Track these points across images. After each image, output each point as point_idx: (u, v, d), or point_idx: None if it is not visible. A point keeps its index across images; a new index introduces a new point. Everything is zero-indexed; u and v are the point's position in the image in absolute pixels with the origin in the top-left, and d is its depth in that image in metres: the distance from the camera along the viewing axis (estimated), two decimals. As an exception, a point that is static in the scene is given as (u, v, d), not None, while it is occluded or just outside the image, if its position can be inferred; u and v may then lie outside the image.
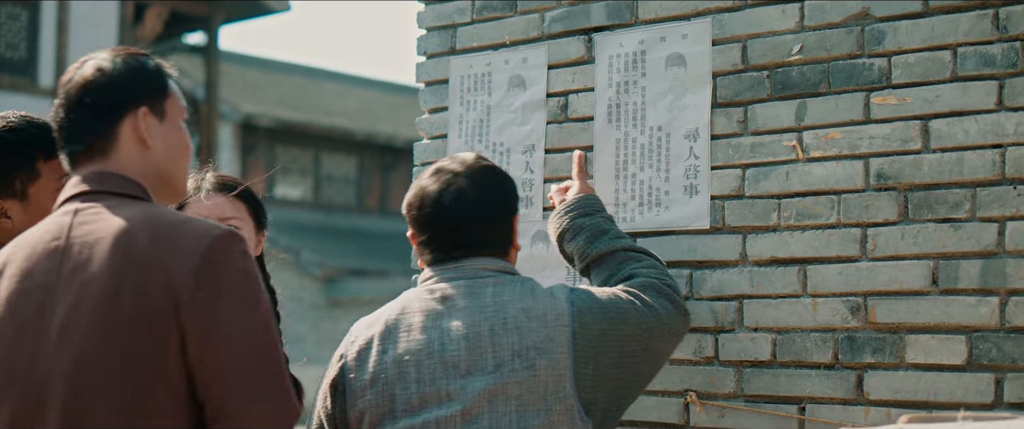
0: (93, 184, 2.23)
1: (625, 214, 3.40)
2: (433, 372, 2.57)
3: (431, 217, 2.69)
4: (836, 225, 3.08)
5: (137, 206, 2.19)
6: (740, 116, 3.25)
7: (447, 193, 2.67)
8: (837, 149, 3.09)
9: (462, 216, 2.66)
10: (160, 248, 2.10)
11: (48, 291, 2.15)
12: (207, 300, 2.09)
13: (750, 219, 3.21)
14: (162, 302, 2.07)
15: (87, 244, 2.14)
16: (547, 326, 2.54)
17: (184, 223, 2.16)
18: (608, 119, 3.44)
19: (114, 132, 2.24)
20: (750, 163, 3.22)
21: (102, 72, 2.25)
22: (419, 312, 2.63)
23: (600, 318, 2.59)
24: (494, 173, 2.72)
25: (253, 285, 2.15)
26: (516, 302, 2.57)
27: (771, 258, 3.17)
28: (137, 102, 2.25)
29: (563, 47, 3.56)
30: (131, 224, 2.13)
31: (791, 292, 3.13)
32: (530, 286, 2.63)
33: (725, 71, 3.29)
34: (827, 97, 3.13)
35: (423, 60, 3.84)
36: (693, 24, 3.33)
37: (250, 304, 2.14)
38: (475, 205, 2.66)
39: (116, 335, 2.08)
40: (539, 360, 2.53)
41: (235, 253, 2.14)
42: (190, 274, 2.08)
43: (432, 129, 3.80)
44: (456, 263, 2.66)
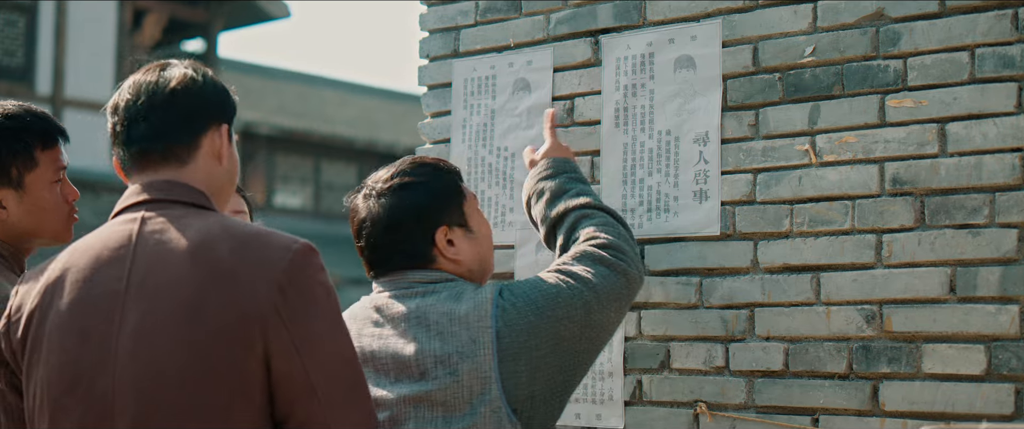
0: (158, 193, 2.22)
1: (633, 220, 3.35)
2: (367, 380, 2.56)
3: (355, 236, 2.72)
4: (850, 231, 3.03)
5: (210, 216, 2.19)
6: (751, 119, 3.20)
7: (362, 212, 2.69)
8: (851, 153, 3.04)
9: (371, 237, 2.66)
10: (243, 260, 2.09)
11: (116, 299, 2.13)
12: (295, 316, 2.08)
13: (761, 225, 3.16)
14: (248, 315, 2.06)
15: (160, 253, 2.13)
16: (470, 329, 2.52)
17: (263, 235, 2.15)
18: (615, 123, 3.40)
19: (196, 142, 2.25)
20: (761, 168, 3.17)
21: (194, 81, 2.26)
22: (359, 320, 2.64)
23: (527, 311, 2.54)
24: (406, 189, 2.68)
25: (335, 299, 2.17)
26: (439, 307, 2.55)
27: (783, 265, 3.12)
28: (221, 119, 2.28)
29: (569, 49, 3.52)
30: (209, 234, 2.13)
31: (804, 300, 3.08)
32: (458, 290, 2.59)
33: (736, 73, 3.25)
34: (841, 100, 3.08)
35: (425, 63, 3.80)
36: (702, 25, 3.29)
37: (336, 319, 2.15)
38: (376, 227, 2.65)
39: (199, 347, 2.06)
40: (462, 365, 2.50)
41: (316, 267, 2.15)
42: (276, 288, 2.08)
43: (435, 134, 3.76)
44: (388, 276, 2.66)
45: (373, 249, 2.67)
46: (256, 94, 24.32)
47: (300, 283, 2.12)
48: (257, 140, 23.42)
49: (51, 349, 2.18)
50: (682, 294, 3.25)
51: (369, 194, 2.70)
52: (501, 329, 2.52)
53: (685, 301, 3.24)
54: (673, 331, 3.25)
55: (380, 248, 2.67)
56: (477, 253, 2.71)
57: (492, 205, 3.60)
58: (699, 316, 3.20)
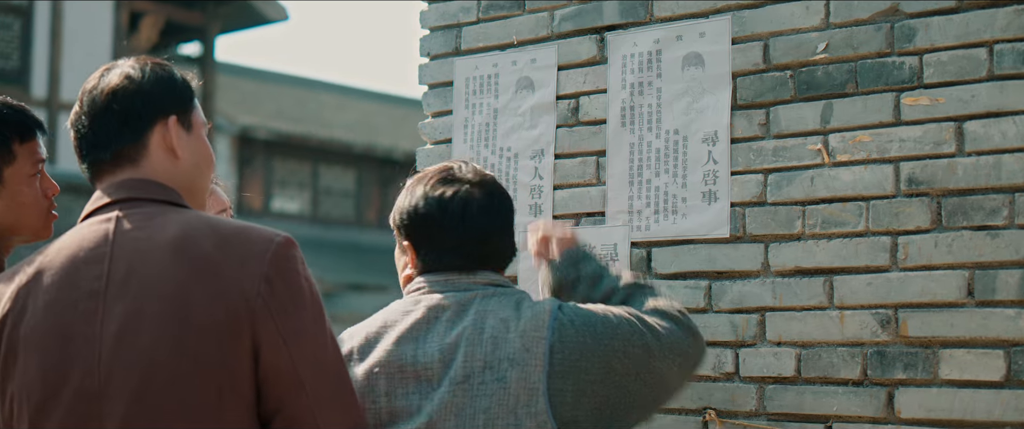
0: (130, 191, 2.20)
1: (640, 222, 3.32)
2: (405, 386, 2.49)
3: (435, 225, 2.58)
4: (864, 233, 3.00)
5: (186, 213, 2.18)
6: (762, 118, 3.16)
7: (455, 202, 2.57)
8: (865, 153, 3.01)
9: (470, 228, 2.56)
10: (227, 253, 2.09)
11: (97, 298, 2.11)
12: (282, 307, 2.08)
13: (773, 227, 3.12)
14: (235, 308, 2.06)
15: (141, 250, 2.11)
16: (524, 337, 2.44)
17: (245, 229, 2.15)
18: (621, 122, 3.37)
19: (143, 141, 2.23)
20: (772, 168, 3.14)
21: (131, 79, 2.24)
22: (399, 324, 2.55)
23: (585, 332, 2.48)
24: (496, 185, 2.63)
25: (317, 292, 2.16)
26: (498, 312, 2.48)
27: (795, 268, 3.08)
28: (167, 111, 2.25)
29: (574, 47, 3.48)
30: (190, 229, 2.12)
31: (817, 304, 3.04)
32: (518, 298, 2.53)
33: (746, 71, 3.21)
34: (854, 98, 3.04)
35: (426, 61, 3.76)
36: (711, 22, 3.25)
37: (320, 312, 2.15)
38: (484, 218, 2.57)
39: (186, 343, 2.05)
40: (511, 372, 2.43)
41: (299, 260, 2.14)
42: (262, 280, 2.07)
43: (435, 134, 3.72)
44: (447, 275, 2.57)
45: (464, 236, 2.56)
46: (253, 98, 24.36)
47: (285, 275, 2.11)
48: (255, 144, 23.39)
49: (29, 353, 2.14)
50: (691, 298, 3.21)
51: (457, 178, 2.60)
52: (555, 343, 2.46)
53: (694, 305, 3.20)
54: None
55: (474, 237, 2.57)
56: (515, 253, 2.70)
57: None
58: (708, 320, 3.17)
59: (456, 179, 2.60)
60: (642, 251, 3.30)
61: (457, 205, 2.56)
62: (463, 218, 2.56)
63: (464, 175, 2.60)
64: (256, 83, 25.34)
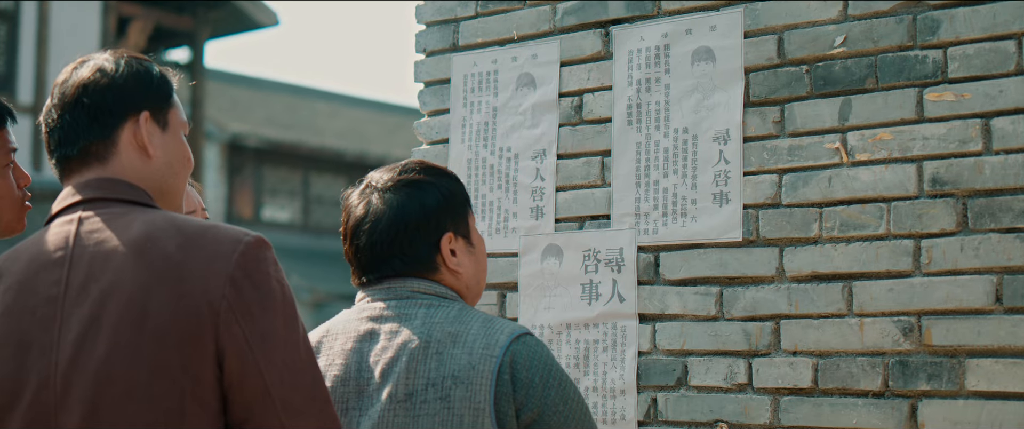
0: (96, 191, 2.14)
1: (647, 226, 3.26)
2: (346, 399, 2.43)
3: (349, 236, 2.56)
4: (885, 236, 2.94)
5: (153, 213, 2.12)
6: (776, 116, 3.11)
7: (360, 209, 2.53)
8: (886, 151, 2.95)
9: (370, 236, 2.50)
10: (191, 255, 2.03)
11: (55, 305, 2.05)
12: (248, 311, 2.02)
13: (788, 230, 3.06)
14: (198, 313, 1.99)
15: (101, 253, 2.06)
16: (471, 354, 2.35)
17: (212, 228, 2.08)
18: (628, 121, 3.31)
19: (113, 138, 2.17)
20: (787, 168, 3.08)
21: (103, 73, 2.18)
22: (342, 334, 2.50)
23: (539, 369, 2.36)
24: (414, 186, 2.54)
25: (290, 296, 2.10)
26: (445, 326, 2.40)
27: (812, 273, 3.02)
28: (139, 107, 2.19)
29: (577, 42, 3.43)
30: (153, 230, 2.06)
31: (835, 311, 2.98)
32: (469, 311, 2.46)
33: (759, 66, 3.15)
34: (874, 94, 2.99)
35: (422, 58, 3.71)
36: (722, 15, 3.20)
37: (292, 315, 2.08)
38: (378, 225, 2.50)
39: (144, 349, 1.99)
40: (455, 391, 2.34)
41: (270, 261, 2.08)
42: (227, 283, 2.01)
43: (432, 134, 3.67)
44: (383, 284, 2.51)
45: (372, 248, 2.51)
46: (244, 105, 24.39)
47: (254, 276, 2.04)
48: (245, 152, 23.41)
49: None
50: (701, 305, 3.15)
51: (371, 189, 2.56)
52: (503, 363, 2.36)
53: (704, 312, 3.15)
54: (691, 345, 3.16)
55: (380, 248, 2.51)
56: (475, 270, 2.58)
57: (494, 209, 3.52)
58: (719, 329, 3.11)
59: (366, 185, 2.56)
60: (649, 256, 3.25)
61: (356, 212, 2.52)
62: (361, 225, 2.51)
63: (373, 180, 2.56)
64: (246, 90, 25.45)
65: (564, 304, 3.34)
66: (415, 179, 2.54)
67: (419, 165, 2.58)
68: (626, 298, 3.24)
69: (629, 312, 3.22)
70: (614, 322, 3.25)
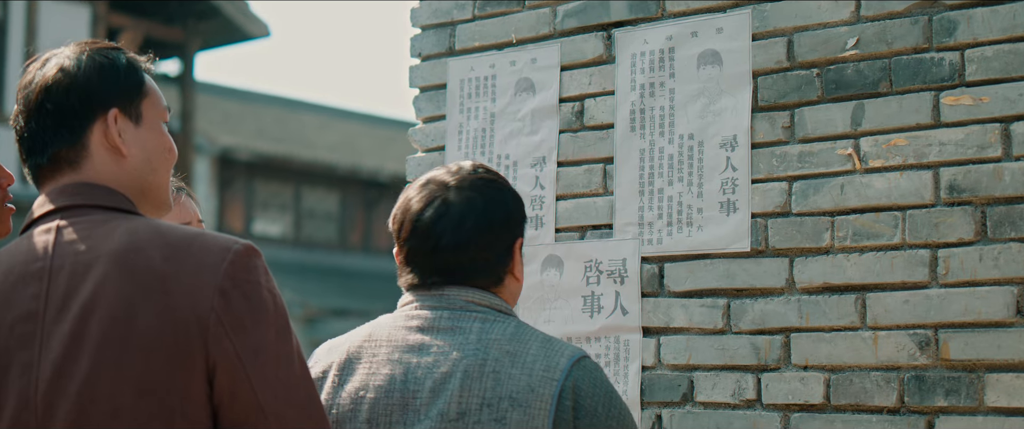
0: (72, 197, 2.06)
1: (651, 236, 3.21)
2: (389, 413, 2.33)
3: (411, 234, 2.43)
4: (901, 246, 2.89)
5: (136, 219, 2.04)
6: (785, 121, 3.06)
7: (431, 207, 2.41)
8: (901, 158, 2.90)
9: (445, 237, 2.39)
10: (177, 265, 1.95)
11: (35, 321, 1.98)
12: (239, 323, 1.95)
13: (798, 240, 3.01)
14: (187, 326, 1.92)
15: (82, 264, 1.98)
16: (531, 376, 2.26)
17: (199, 237, 2.00)
18: (631, 126, 3.26)
19: (82, 141, 2.08)
20: (798, 175, 3.03)
21: (65, 72, 2.09)
22: (387, 342, 2.38)
23: (602, 398, 2.30)
24: (494, 187, 2.45)
25: (283, 307, 2.03)
26: (503, 343, 2.30)
27: (823, 285, 2.97)
28: (107, 104, 2.09)
29: (578, 45, 3.38)
30: (137, 239, 1.98)
31: (847, 324, 2.93)
32: (526, 329, 2.37)
33: (767, 70, 3.10)
34: (888, 98, 2.94)
35: (417, 62, 3.67)
36: (729, 16, 3.16)
37: (285, 328, 2.00)
38: (462, 225, 2.39)
39: (129, 367, 1.92)
40: (512, 413, 2.25)
41: (261, 270, 2.00)
42: (217, 293, 1.94)
43: (427, 141, 3.62)
44: (439, 290, 2.40)
45: (454, 249, 2.39)
46: (235, 118, 24.41)
47: (244, 287, 1.97)
48: (236, 166, 23.43)
49: None
50: (707, 318, 3.10)
51: (441, 186, 2.43)
52: (565, 388, 2.27)
53: (711, 326, 3.09)
54: (697, 359, 3.11)
55: (462, 249, 2.39)
56: (522, 281, 2.50)
57: None
58: (727, 342, 3.06)
59: (433, 181, 2.45)
60: (653, 267, 3.20)
61: (425, 211, 2.41)
62: (430, 225, 2.39)
63: (443, 177, 2.45)
64: (237, 103, 25.48)
65: (565, 317, 3.28)
66: (493, 179, 2.45)
67: (484, 167, 2.50)
68: (629, 311, 3.18)
69: (632, 325, 3.16)
70: (617, 336, 3.19)
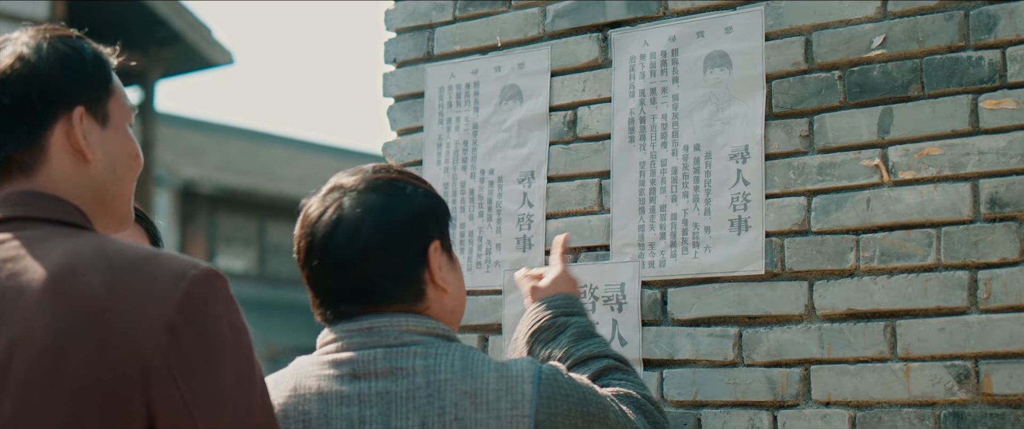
0: (15, 209, 1.91)
1: (652, 257, 3.06)
2: None
3: (308, 252, 2.23)
4: (935, 267, 2.74)
5: (81, 237, 1.88)
6: (804, 129, 2.92)
7: (324, 217, 2.21)
8: (935, 168, 2.76)
9: (339, 251, 2.18)
10: (120, 293, 1.78)
11: None
12: (190, 366, 1.78)
13: (819, 261, 2.87)
14: (125, 367, 1.75)
15: (14, 289, 1.82)
16: (499, 418, 2.13)
17: (151, 259, 1.83)
18: (630, 137, 3.13)
19: (41, 143, 1.94)
20: (818, 189, 2.89)
21: (24, 62, 1.94)
22: (317, 396, 2.17)
23: (575, 411, 2.19)
24: (394, 185, 2.25)
25: (247, 342, 1.85)
26: (456, 382, 2.14)
27: (847, 311, 2.82)
28: (72, 101, 1.95)
29: (571, 48, 3.25)
30: (76, 261, 1.81)
31: (875, 355, 2.78)
32: (474, 358, 2.18)
33: (783, 72, 2.96)
34: (920, 102, 2.80)
35: (392, 69, 3.53)
36: (740, 14, 3.02)
37: (246, 370, 1.84)
38: (357, 234, 2.18)
39: (57, 413, 1.76)
40: None
41: (223, 300, 1.83)
42: (164, 329, 1.77)
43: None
44: (363, 322, 2.19)
45: (353, 265, 2.18)
46: (198, 150, 24.63)
47: (198, 321, 1.78)
48: (198, 199, 23.55)
49: None
50: (716, 349, 2.95)
51: (340, 191, 2.24)
52: (541, 422, 2.13)
53: (720, 357, 2.95)
54: (705, 395, 2.97)
55: (362, 264, 2.18)
56: (458, 289, 2.32)
57: (474, 240, 3.31)
58: (739, 376, 2.91)
59: (333, 189, 2.26)
60: (655, 292, 3.03)
61: (317, 225, 2.21)
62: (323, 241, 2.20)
63: (343, 181, 2.26)
64: (200, 134, 25.75)
65: None
66: (394, 178, 2.24)
67: (391, 166, 2.31)
68: (628, 341, 3.02)
69: (632, 357, 3.00)
70: (615, 369, 3.00)
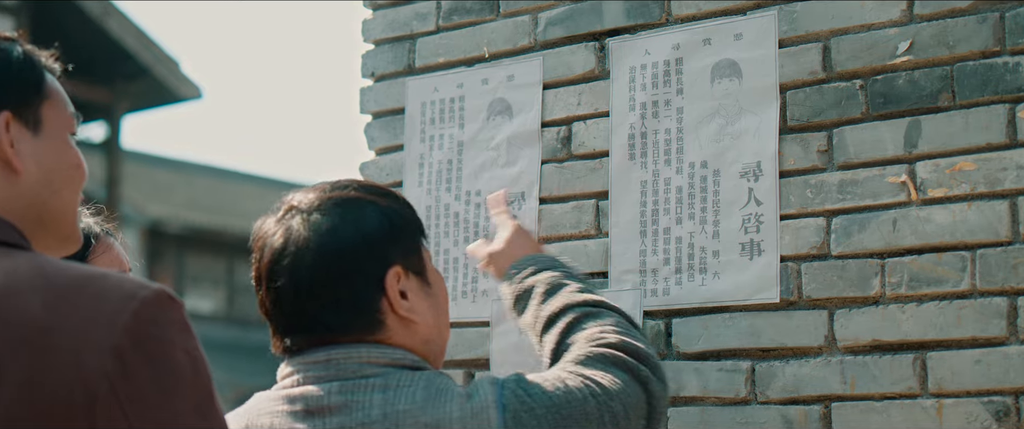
0: None
1: (656, 285, 2.93)
2: None
3: (259, 278, 2.15)
4: (970, 293, 2.63)
5: (18, 256, 1.78)
6: (822, 144, 2.82)
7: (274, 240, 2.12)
8: (968, 185, 2.65)
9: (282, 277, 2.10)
10: (62, 315, 1.68)
11: None
12: (140, 396, 1.68)
13: (840, 288, 2.76)
14: (69, 397, 1.65)
15: None
16: None
17: (94, 280, 1.71)
18: (630, 154, 3.04)
19: None
20: (838, 209, 2.79)
21: None
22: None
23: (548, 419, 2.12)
24: (349, 203, 2.16)
25: (206, 372, 1.73)
26: (417, 415, 2.07)
27: (872, 343, 2.71)
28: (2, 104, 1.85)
29: (565, 58, 3.15)
30: (13, 282, 1.72)
31: (904, 391, 2.67)
32: (438, 387, 2.10)
33: (799, 82, 2.86)
34: (951, 113, 2.69)
35: (370, 84, 3.43)
36: (750, 19, 2.91)
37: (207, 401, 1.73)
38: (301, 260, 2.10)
39: None
40: None
41: (173, 324, 1.72)
42: (111, 355, 1.65)
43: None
44: (320, 354, 2.11)
45: (296, 293, 2.08)
46: (165, 188, 24.70)
47: (149, 346, 1.67)
48: (165, 238, 23.60)
49: None
50: (727, 384, 2.85)
51: (293, 212, 2.13)
52: None
53: (731, 394, 2.84)
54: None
55: (307, 292, 2.08)
56: (435, 319, 2.21)
57: (459, 267, 3.20)
58: (752, 415, 2.82)
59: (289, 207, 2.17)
60: (659, 323, 2.92)
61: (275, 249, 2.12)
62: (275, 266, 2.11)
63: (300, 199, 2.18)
64: (168, 171, 25.88)
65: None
66: (350, 197, 2.14)
67: (355, 182, 2.21)
68: None
69: None
70: (615, 407, 2.86)
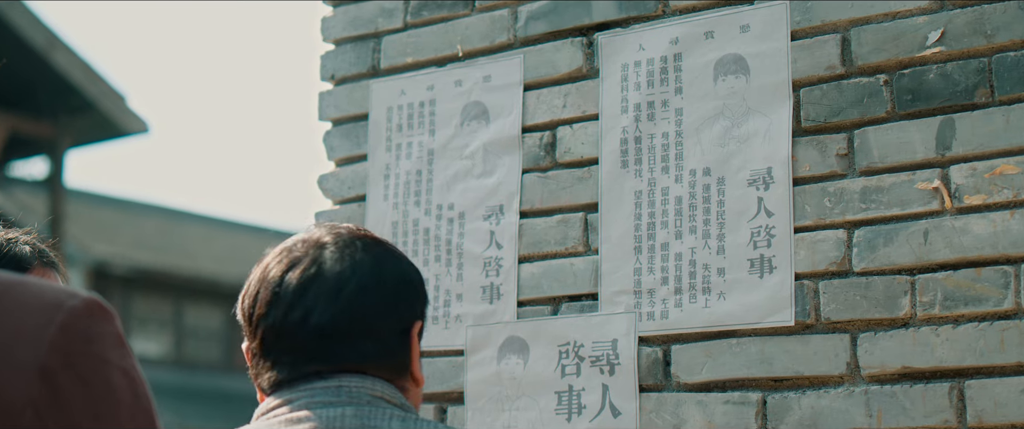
0: None
1: (652, 307, 2.76)
2: None
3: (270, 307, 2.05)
4: (1014, 314, 2.47)
5: None
6: (842, 147, 2.66)
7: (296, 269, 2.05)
8: (1010, 191, 2.50)
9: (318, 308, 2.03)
10: None
11: None
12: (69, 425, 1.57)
13: (863, 309, 2.61)
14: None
15: None
16: None
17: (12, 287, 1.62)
18: (622, 162, 2.90)
19: None
20: (861, 219, 2.65)
21: None
22: None
23: None
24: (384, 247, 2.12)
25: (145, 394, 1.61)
26: None
27: (902, 370, 2.55)
28: None
29: (548, 56, 3.03)
30: None
31: (939, 424, 2.50)
32: None
33: (814, 78, 2.73)
34: (989, 110, 2.54)
35: (329, 87, 3.28)
36: (759, 9, 2.76)
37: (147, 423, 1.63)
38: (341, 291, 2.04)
39: None
40: None
41: (110, 340, 1.61)
42: (36, 378, 1.56)
43: (342, 189, 3.18)
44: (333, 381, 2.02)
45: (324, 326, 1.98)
46: (111, 228, 24.61)
47: (80, 365, 1.55)
48: (111, 279, 23.51)
49: None
50: (735, 418, 2.68)
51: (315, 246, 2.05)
52: None
53: (740, 428, 2.65)
54: None
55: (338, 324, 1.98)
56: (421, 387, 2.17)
57: (430, 290, 3.00)
58: None
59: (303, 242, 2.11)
60: (656, 350, 2.74)
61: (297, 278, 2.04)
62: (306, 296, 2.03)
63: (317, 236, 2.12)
64: (114, 210, 25.79)
65: (531, 421, 2.85)
66: (379, 240, 2.10)
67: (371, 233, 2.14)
68: (623, 411, 2.74)
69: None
70: (607, 446, 2.75)
